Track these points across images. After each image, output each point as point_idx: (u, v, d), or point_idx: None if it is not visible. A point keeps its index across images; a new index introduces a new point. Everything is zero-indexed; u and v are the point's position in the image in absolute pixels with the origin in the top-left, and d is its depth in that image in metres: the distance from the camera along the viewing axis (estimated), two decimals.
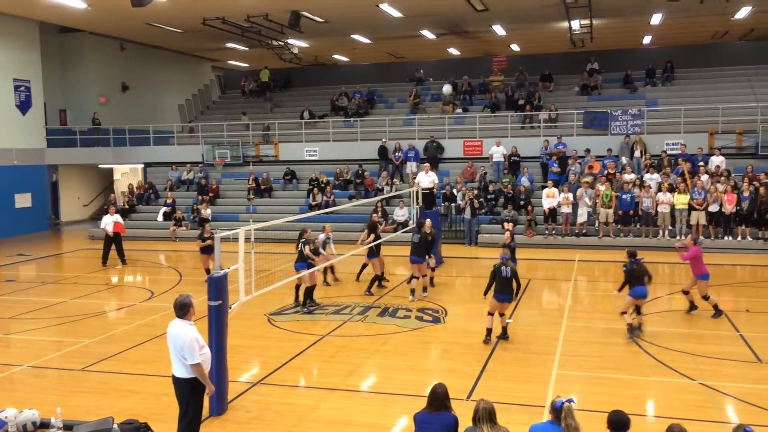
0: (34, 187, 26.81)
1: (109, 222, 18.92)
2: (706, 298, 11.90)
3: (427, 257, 14.05)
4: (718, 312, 11.86)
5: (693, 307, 12.26)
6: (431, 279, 14.78)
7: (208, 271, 15.82)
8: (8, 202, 25.50)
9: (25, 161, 26.19)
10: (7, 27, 25.00)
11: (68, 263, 20.43)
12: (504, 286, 10.50)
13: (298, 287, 13.43)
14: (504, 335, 10.82)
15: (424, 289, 14.30)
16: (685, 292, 12.39)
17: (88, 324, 12.59)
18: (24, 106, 26.26)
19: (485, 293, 10.76)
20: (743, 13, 24.74)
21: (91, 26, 27.70)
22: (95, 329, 12.16)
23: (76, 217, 30.00)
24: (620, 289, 11.12)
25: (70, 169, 29.48)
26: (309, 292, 13.18)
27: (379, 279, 15.15)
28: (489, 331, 10.68)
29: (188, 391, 6.65)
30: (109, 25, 27.01)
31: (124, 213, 24.63)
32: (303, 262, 13.09)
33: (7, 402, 7.67)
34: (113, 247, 18.93)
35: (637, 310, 11.09)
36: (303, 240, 13.28)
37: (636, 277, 10.76)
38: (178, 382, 6.68)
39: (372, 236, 14.90)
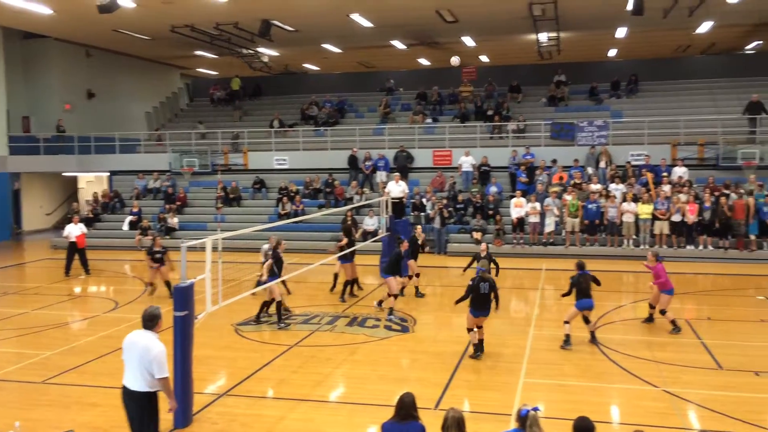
0: None
1: (73, 231, 18.57)
2: (662, 312, 11.88)
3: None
4: (676, 328, 11.76)
5: (650, 318, 12.35)
6: (403, 288, 14.61)
7: (151, 285, 15.52)
8: None
9: None
10: None
11: (30, 273, 19.98)
12: (481, 303, 10.29)
13: (266, 303, 12.98)
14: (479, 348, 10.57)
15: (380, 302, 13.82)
16: (652, 306, 12.36)
17: (50, 335, 12.32)
18: None
19: (457, 302, 10.71)
20: (704, 27, 25.42)
21: (57, 32, 27.25)
22: (57, 341, 11.90)
23: (39, 227, 29.33)
24: (564, 295, 11.24)
25: (32, 177, 28.87)
26: (278, 305, 12.85)
27: (352, 284, 15.10)
28: (476, 346, 10.49)
29: (146, 404, 6.44)
30: (75, 31, 26.60)
31: (89, 222, 24.20)
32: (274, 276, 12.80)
33: None
34: (76, 257, 18.58)
35: (585, 320, 11.13)
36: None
37: (581, 290, 10.85)
38: (134, 395, 6.38)
39: (345, 240, 14.88)
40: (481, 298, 10.22)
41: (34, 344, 11.70)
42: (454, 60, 23.63)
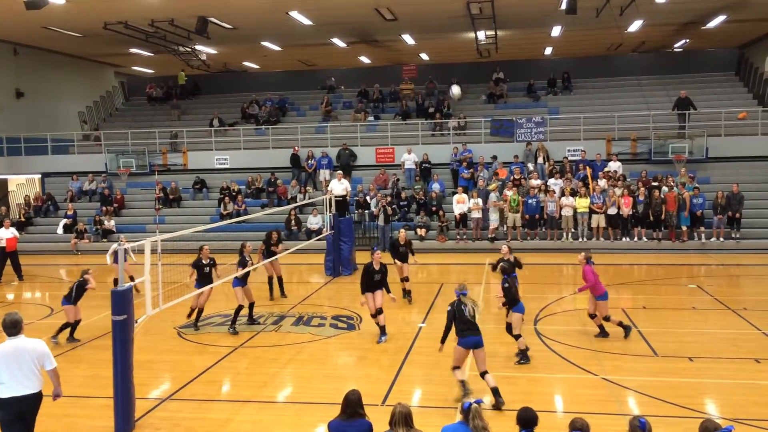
0: None
1: (3, 236, 17.80)
2: (606, 319, 11.11)
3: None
4: (626, 329, 11.07)
5: (604, 333, 11.12)
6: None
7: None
8: None
9: None
10: None
11: None
12: (468, 326, 8.37)
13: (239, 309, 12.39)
14: (497, 396, 8.24)
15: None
16: (592, 316, 11.28)
17: None
18: None
19: (442, 341, 8.69)
20: (635, 26, 26.28)
21: None
22: None
23: None
24: (504, 305, 10.49)
25: None
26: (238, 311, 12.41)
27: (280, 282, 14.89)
28: (464, 383, 8.52)
29: (38, 403, 6.40)
30: (2, 28, 25.44)
31: (21, 226, 23.27)
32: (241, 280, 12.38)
33: None
34: (8, 262, 17.83)
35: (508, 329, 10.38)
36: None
37: (516, 293, 10.13)
38: (31, 398, 6.27)
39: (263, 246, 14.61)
40: (466, 322, 8.37)
41: None
42: (455, 90, 24.07)
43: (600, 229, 20.45)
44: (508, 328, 10.28)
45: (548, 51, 33.95)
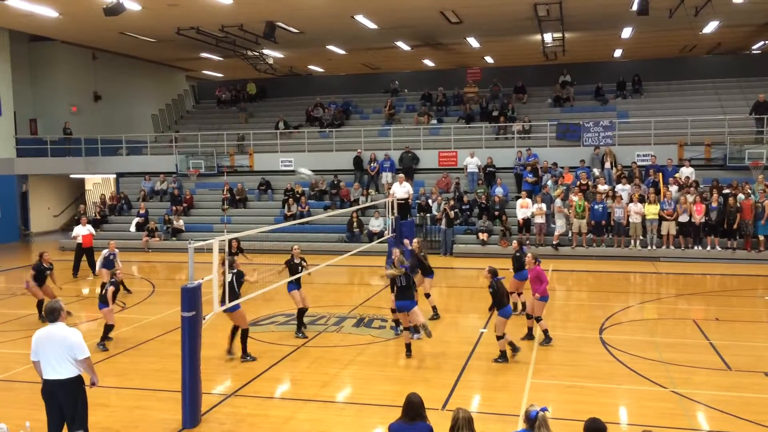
0: (3, 197, 26.30)
1: (80, 233, 18.67)
2: (538, 320, 11.08)
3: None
4: (547, 338, 11.01)
5: (530, 334, 11.24)
6: (433, 307, 13.16)
7: (40, 303, 13.33)
8: None
9: None
10: None
11: None
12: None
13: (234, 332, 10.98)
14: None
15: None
16: (529, 316, 11.35)
17: None
18: None
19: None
20: (710, 27, 25.34)
21: (63, 35, 27.36)
22: None
23: (47, 228, 29.47)
24: (491, 308, 10.56)
25: (40, 180, 28.99)
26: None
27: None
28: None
29: (78, 387, 6.66)
30: (82, 34, 26.71)
31: (96, 224, 24.28)
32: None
33: None
34: (84, 257, 18.65)
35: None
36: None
37: (503, 296, 10.14)
38: (64, 383, 6.56)
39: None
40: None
41: None
42: (303, 171, 22.01)
43: (671, 237, 19.77)
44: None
45: (618, 53, 33.10)
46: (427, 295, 13.01)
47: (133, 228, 24.80)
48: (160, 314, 13.51)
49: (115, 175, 29.26)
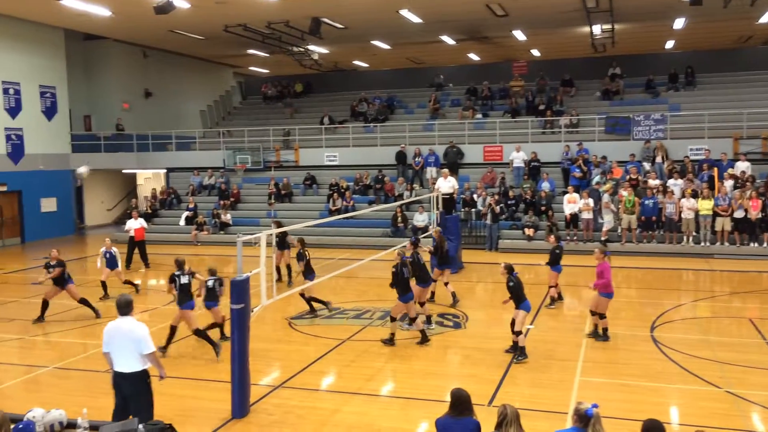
0: (59, 191, 27.18)
1: (132, 226, 19.20)
2: (602, 317, 11.01)
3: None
4: (605, 336, 10.98)
5: (597, 333, 11.15)
6: (453, 294, 13.85)
7: (45, 304, 13.17)
8: (34, 207, 25.90)
9: (50, 166, 26.59)
10: (34, 34, 25.42)
11: (92, 266, 20.58)
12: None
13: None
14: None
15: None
16: (593, 313, 11.25)
17: None
18: (50, 112, 26.67)
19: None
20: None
21: (115, 33, 28.08)
22: None
23: (100, 221, 30.39)
24: (506, 302, 10.53)
25: (94, 174, 29.78)
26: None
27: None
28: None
29: (142, 381, 6.83)
30: (133, 32, 27.37)
31: (148, 217, 24.88)
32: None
33: (34, 402, 7.74)
34: (137, 250, 19.18)
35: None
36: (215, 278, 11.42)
37: (522, 291, 10.28)
38: (131, 377, 6.75)
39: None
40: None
41: (98, 335, 11.96)
42: (81, 170, 20.88)
43: (725, 233, 19.18)
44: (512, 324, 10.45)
45: (669, 44, 32.20)
46: (446, 284, 13.81)
47: (182, 222, 25.34)
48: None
49: (165, 170, 29.94)
